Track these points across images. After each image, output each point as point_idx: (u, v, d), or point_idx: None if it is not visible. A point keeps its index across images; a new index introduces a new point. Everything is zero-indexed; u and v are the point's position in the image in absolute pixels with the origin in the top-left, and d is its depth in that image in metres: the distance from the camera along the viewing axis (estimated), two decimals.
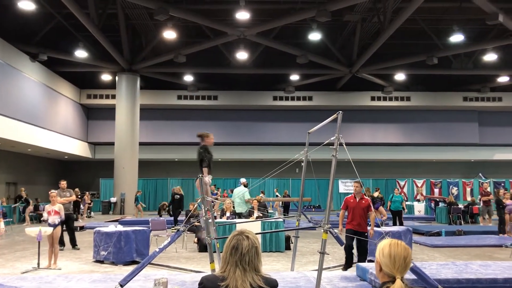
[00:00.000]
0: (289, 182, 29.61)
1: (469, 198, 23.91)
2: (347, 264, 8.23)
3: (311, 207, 27.43)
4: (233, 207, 12.93)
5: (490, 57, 23.74)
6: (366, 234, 8.19)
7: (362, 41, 23.35)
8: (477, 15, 20.24)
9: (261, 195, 21.51)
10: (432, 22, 22.41)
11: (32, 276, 7.75)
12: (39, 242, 8.87)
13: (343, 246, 7.96)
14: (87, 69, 25.45)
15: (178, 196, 17.27)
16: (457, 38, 21.64)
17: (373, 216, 8.49)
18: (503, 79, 27.01)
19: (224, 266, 2.22)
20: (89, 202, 24.07)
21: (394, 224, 15.77)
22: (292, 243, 8.53)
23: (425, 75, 27.20)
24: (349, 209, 8.26)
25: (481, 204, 18.46)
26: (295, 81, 27.59)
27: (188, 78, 27.01)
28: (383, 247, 2.27)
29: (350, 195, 8.48)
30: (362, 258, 8.06)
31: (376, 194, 19.48)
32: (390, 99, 28.98)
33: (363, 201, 8.25)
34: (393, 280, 2.18)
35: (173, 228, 15.71)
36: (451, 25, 21.59)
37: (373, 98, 29.11)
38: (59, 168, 30.31)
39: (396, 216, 16.33)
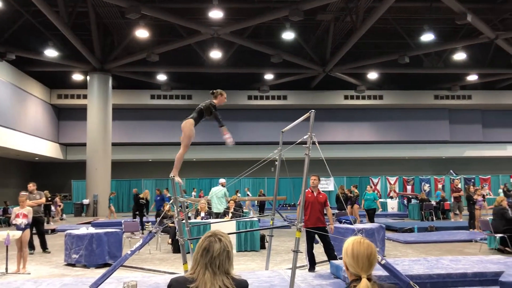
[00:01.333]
0: (264, 181, 29.65)
1: (441, 194, 24.32)
2: (311, 266, 8.09)
3: (286, 205, 27.53)
4: (208, 207, 12.85)
5: (460, 56, 24.25)
6: (325, 228, 8.05)
7: (335, 40, 23.53)
8: (447, 15, 20.63)
9: (237, 194, 21.51)
10: (404, 21, 22.74)
11: (0, 282, 7.53)
12: (7, 246, 8.63)
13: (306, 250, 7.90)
14: (58, 69, 24.93)
15: (144, 201, 16.84)
16: (428, 37, 22.01)
17: (330, 211, 8.46)
18: (472, 77, 27.64)
19: (194, 267, 2.17)
20: (60, 204, 23.58)
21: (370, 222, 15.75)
22: (267, 242, 8.52)
23: (397, 74, 27.60)
24: (307, 204, 7.96)
25: (452, 200, 18.84)
26: (269, 80, 27.63)
27: (162, 77, 26.74)
28: (346, 246, 2.26)
29: (308, 189, 8.13)
30: (331, 255, 7.93)
31: (357, 191, 19.43)
32: (363, 97, 29.32)
33: (321, 196, 8.16)
34: (360, 279, 2.17)
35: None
36: (422, 24, 21.94)
37: (346, 97, 29.40)
38: (30, 170, 29.61)
39: (369, 214, 16.22)
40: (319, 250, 8.40)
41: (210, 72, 26.64)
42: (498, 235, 10.54)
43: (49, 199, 20.12)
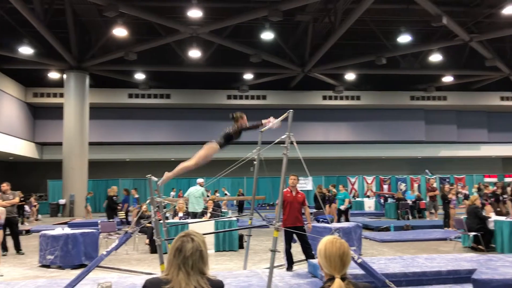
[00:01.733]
0: (243, 181, 29.63)
1: (416, 194, 24.70)
2: (289, 265, 8.12)
3: (265, 205, 27.58)
4: (187, 207, 12.80)
5: (436, 57, 24.67)
6: (304, 228, 8.08)
7: (314, 41, 23.67)
8: (423, 17, 20.96)
9: (216, 194, 21.47)
10: (381, 23, 23.02)
11: None
12: None
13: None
14: (33, 67, 24.46)
15: (116, 198, 16.58)
16: (404, 39, 22.34)
17: (308, 211, 8.53)
18: (447, 78, 28.15)
19: (168, 268, 2.17)
20: (35, 204, 23.17)
21: (338, 221, 15.17)
22: (245, 241, 8.54)
23: (374, 74, 27.93)
24: (285, 204, 7.93)
25: (428, 199, 19.16)
26: (249, 80, 27.64)
27: (140, 76, 26.49)
28: (320, 247, 2.27)
29: (287, 189, 8.12)
30: (308, 254, 7.98)
31: (334, 190, 19.51)
32: (341, 98, 29.58)
33: (299, 195, 8.20)
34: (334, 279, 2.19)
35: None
36: (399, 26, 22.24)
37: (324, 97, 29.62)
38: (4, 169, 28.98)
39: (341, 214, 15.97)
40: (297, 249, 8.44)
41: (189, 71, 26.51)
42: (472, 234, 10.76)
43: (22, 199, 19.75)
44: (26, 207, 21.55)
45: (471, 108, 31.46)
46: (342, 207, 15.92)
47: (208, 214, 11.96)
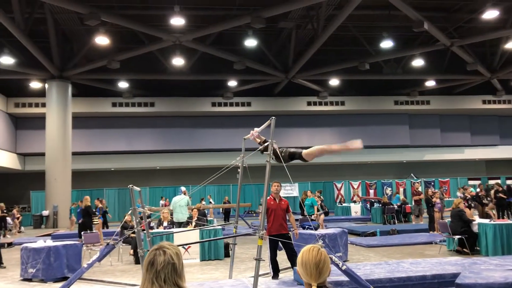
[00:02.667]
0: (229, 188, 29.55)
1: (401, 198, 24.83)
2: (275, 273, 8.06)
3: (252, 212, 27.49)
4: (172, 216, 12.68)
5: (418, 62, 24.94)
6: (289, 235, 8.05)
7: (298, 47, 23.77)
8: (405, 22, 21.19)
9: (202, 202, 21.32)
10: (363, 29, 23.22)
11: None
12: None
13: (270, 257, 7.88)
14: (14, 77, 24.11)
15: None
16: (386, 44, 22.56)
17: (293, 218, 8.49)
18: (430, 83, 28.46)
19: (142, 283, 2.11)
20: (18, 216, 22.77)
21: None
22: (231, 250, 8.47)
23: (358, 80, 28.11)
24: (270, 211, 7.88)
25: (413, 203, 19.25)
26: (233, 87, 27.62)
27: (123, 84, 26.29)
28: (299, 255, 2.25)
29: (269, 196, 8.01)
30: (294, 262, 7.89)
31: (321, 197, 19.51)
32: (326, 103, 29.70)
33: (283, 202, 8.17)
34: None
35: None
36: (381, 32, 22.48)
37: (309, 103, 29.71)
38: None
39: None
40: (282, 257, 8.39)
41: (173, 79, 26.41)
42: (456, 237, 10.82)
43: (5, 211, 19.41)
44: (9, 219, 21.15)
45: (454, 112, 31.81)
46: (314, 216, 14.16)
47: (193, 223, 11.84)
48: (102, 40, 20.60)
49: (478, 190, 19.63)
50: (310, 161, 6.34)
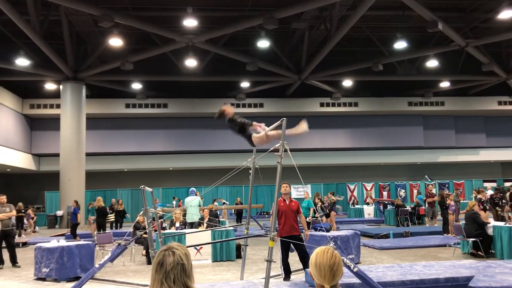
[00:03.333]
0: (241, 189, 29.55)
1: (415, 200, 24.62)
2: (286, 275, 8.03)
3: (264, 213, 27.46)
4: (183, 216, 12.72)
5: (432, 63, 24.70)
6: (300, 236, 8.01)
7: (310, 48, 23.71)
8: (419, 23, 21.01)
9: (214, 203, 21.35)
10: (377, 29, 23.07)
11: None
12: None
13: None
14: (30, 78, 24.42)
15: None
16: (400, 45, 22.38)
17: (303, 218, 8.45)
18: (444, 84, 28.17)
19: (152, 284, 2.10)
20: (33, 216, 23.03)
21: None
22: (243, 251, 8.46)
23: (371, 81, 27.94)
24: (280, 213, 7.87)
25: (426, 205, 19.07)
26: (245, 88, 27.62)
27: (136, 86, 26.47)
28: (311, 256, 2.26)
29: (280, 198, 7.99)
30: (306, 263, 7.85)
31: (334, 198, 19.45)
32: (339, 105, 29.55)
33: (293, 203, 8.12)
34: None
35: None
36: (395, 32, 22.31)
37: (322, 104, 29.58)
38: (1, 181, 28.89)
39: (309, 227, 13.20)
40: (294, 258, 8.36)
41: (186, 81, 26.53)
42: (471, 240, 10.68)
43: (22, 211, 19.62)
44: (24, 219, 21.40)
45: (469, 113, 31.43)
46: (308, 219, 13.67)
47: (205, 224, 11.86)
48: (115, 42, 20.77)
49: (492, 192, 19.39)
50: (257, 146, 6.29)
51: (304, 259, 7.91)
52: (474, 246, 10.76)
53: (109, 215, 15.83)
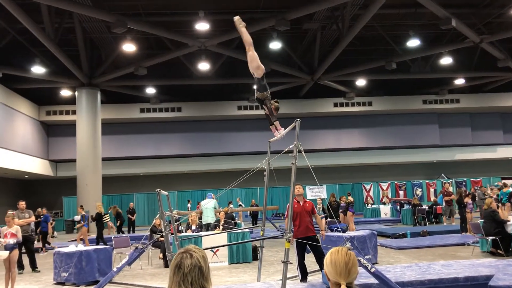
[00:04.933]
0: (256, 191, 29.57)
1: (433, 199, 24.38)
2: (303, 276, 8.01)
3: (279, 215, 27.43)
4: (199, 219, 12.77)
5: (446, 60, 24.44)
6: (316, 237, 8.00)
7: (323, 48, 23.64)
8: (432, 20, 20.83)
9: (230, 206, 21.41)
10: (389, 28, 22.90)
11: None
12: None
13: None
14: (45, 85, 24.75)
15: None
16: (413, 43, 22.20)
17: (319, 219, 8.42)
18: (459, 81, 27.84)
19: (169, 286, 2.12)
20: (51, 222, 23.27)
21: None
22: (259, 253, 8.47)
23: (385, 80, 27.73)
24: (295, 215, 7.85)
25: (444, 204, 18.87)
26: None
27: (150, 90, 26.67)
28: (327, 256, 2.31)
29: (294, 199, 7.97)
30: (322, 264, 7.76)
31: (350, 198, 19.34)
32: (353, 104, 29.40)
33: (307, 204, 8.11)
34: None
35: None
36: (408, 30, 22.13)
37: (335, 104, 29.46)
38: (19, 188, 29.32)
39: None
40: (311, 259, 8.35)
41: (199, 84, 26.64)
42: (490, 238, 10.55)
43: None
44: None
45: (485, 110, 31.05)
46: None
47: (221, 227, 11.90)
48: (129, 47, 20.96)
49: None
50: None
51: (321, 260, 7.87)
52: (494, 244, 10.63)
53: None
